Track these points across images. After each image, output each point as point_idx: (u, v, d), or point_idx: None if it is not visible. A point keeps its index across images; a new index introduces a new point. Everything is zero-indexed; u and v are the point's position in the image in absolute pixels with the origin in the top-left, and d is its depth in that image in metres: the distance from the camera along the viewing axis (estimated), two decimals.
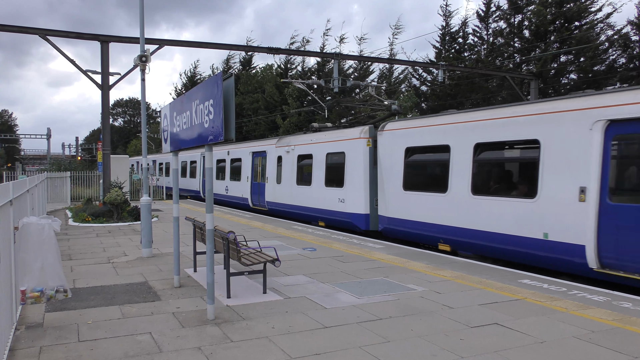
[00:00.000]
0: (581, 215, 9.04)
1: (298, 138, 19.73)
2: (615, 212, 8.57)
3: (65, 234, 14.82)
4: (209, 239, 6.58)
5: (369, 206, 15.34)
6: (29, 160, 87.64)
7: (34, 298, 6.02)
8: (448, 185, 12.22)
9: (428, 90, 38.48)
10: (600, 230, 8.74)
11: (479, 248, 11.44)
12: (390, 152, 14.43)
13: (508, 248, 10.58)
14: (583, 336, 5.85)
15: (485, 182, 11.51)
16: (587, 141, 9.05)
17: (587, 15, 29.53)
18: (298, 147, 19.26)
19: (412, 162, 13.74)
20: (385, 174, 14.52)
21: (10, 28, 18.14)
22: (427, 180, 13.29)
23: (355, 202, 15.67)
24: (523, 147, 10.70)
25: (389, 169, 14.40)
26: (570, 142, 9.38)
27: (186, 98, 7.41)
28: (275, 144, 21.02)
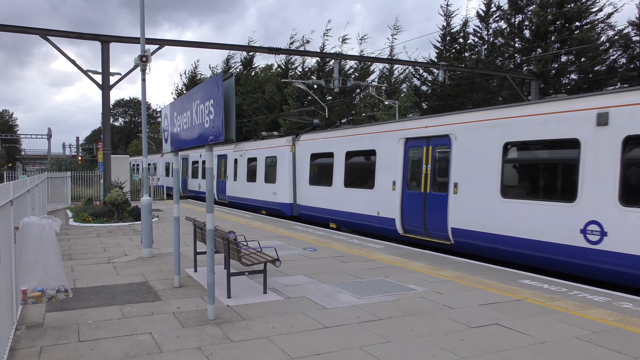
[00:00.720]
0: (391, 199, 14.35)
1: (249, 144, 23.95)
2: (408, 197, 13.74)
3: (66, 233, 14.83)
4: (209, 239, 6.58)
5: (293, 197, 20.03)
6: (30, 160, 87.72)
7: (35, 298, 6.02)
8: (333, 181, 17.28)
9: (429, 90, 38.50)
10: (404, 208, 13.92)
11: (349, 224, 16.59)
12: (302, 156, 19.55)
13: (362, 222, 15.67)
14: (583, 337, 5.85)
15: (352, 178, 16.48)
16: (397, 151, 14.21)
17: (588, 16, 29.54)
18: (248, 151, 23.72)
19: (314, 164, 18.81)
20: (299, 173, 19.72)
21: (10, 28, 18.15)
22: (322, 178, 18.16)
23: (283, 194, 20.31)
24: (367, 155, 15.76)
25: (301, 169, 19.55)
26: (389, 152, 14.55)
27: (186, 98, 7.41)
28: (233, 148, 25.29)
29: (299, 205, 19.52)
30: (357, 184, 15.98)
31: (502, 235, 10.77)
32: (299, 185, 19.49)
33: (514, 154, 10.96)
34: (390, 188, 14.13)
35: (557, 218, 9.66)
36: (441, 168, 12.69)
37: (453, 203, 12.05)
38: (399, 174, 13.92)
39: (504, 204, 10.75)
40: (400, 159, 13.92)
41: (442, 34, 37.93)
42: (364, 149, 15.76)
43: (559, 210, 9.64)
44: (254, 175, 22.95)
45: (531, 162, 10.71)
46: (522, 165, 10.89)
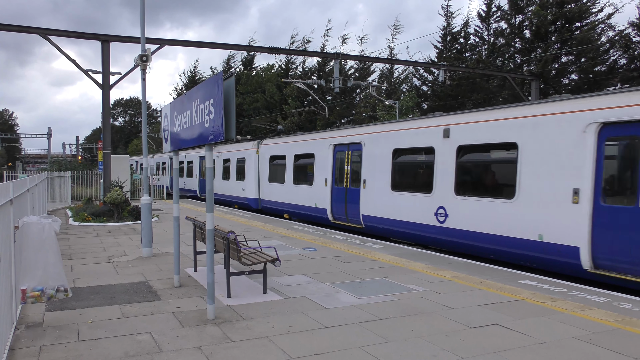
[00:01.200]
0: (324, 193, 17.47)
1: (224, 147, 26.78)
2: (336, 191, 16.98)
3: (66, 233, 14.82)
4: (209, 238, 6.58)
5: (257, 193, 23.25)
6: (30, 160, 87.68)
7: (35, 297, 6.02)
8: (285, 179, 20.48)
9: (429, 90, 38.49)
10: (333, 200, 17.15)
11: (297, 214, 19.59)
12: (264, 158, 22.67)
13: (305, 212, 18.82)
14: (583, 337, 5.85)
15: (298, 176, 19.66)
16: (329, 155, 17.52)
17: (588, 16, 29.52)
18: (223, 153, 27.12)
19: (272, 164, 21.94)
20: (261, 172, 22.89)
21: (11, 27, 18.14)
22: (278, 176, 21.19)
23: (250, 191, 23.56)
24: (309, 157, 18.92)
25: (263, 169, 22.67)
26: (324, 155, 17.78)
27: (187, 98, 7.41)
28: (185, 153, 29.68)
29: (262, 200, 23.00)
30: (302, 181, 19.38)
31: (393, 219, 14.19)
32: (262, 182, 23.00)
33: (398, 158, 14.34)
34: (324, 184, 17.60)
35: (422, 205, 13.04)
36: (356, 168, 15.95)
37: (363, 195, 15.43)
38: (329, 173, 17.38)
39: (394, 195, 14.20)
40: (330, 161, 17.38)
41: (443, 34, 37.92)
42: (306, 152, 19.21)
43: (423, 199, 13.06)
44: (228, 174, 26.58)
45: (408, 164, 14.14)
46: (403, 166, 14.25)
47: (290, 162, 20.30)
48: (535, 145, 10.23)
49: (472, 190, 11.83)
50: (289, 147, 20.72)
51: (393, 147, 14.25)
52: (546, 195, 9.94)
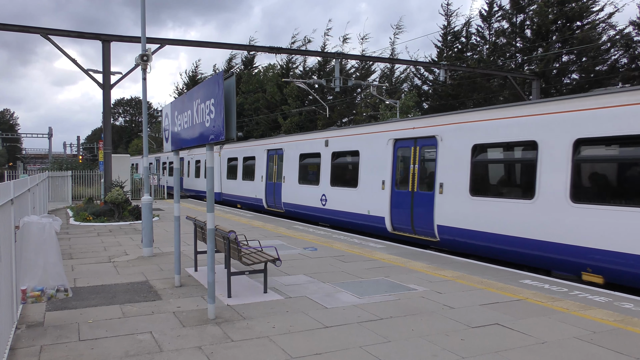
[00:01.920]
0: (261, 186, 22.59)
1: (197, 150, 31.48)
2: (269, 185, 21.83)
3: (67, 233, 14.83)
4: (209, 238, 6.58)
5: (220, 188, 27.83)
6: (31, 160, 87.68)
7: (35, 297, 6.01)
8: (237, 176, 25.77)
9: (430, 89, 38.47)
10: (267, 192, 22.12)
11: (246, 205, 24.62)
12: (224, 160, 27.71)
13: (250, 202, 23.93)
14: (584, 337, 5.84)
15: (247, 174, 24.45)
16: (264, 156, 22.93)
17: (589, 15, 29.50)
18: (195, 155, 32.43)
19: (230, 165, 26.95)
20: (222, 171, 27.83)
21: (12, 27, 18.15)
22: (233, 174, 26.32)
23: (216, 186, 27.44)
24: (253, 159, 24.03)
25: (224, 168, 27.55)
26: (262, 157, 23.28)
27: (187, 97, 7.40)
28: (187, 153, 33.78)
29: (223, 194, 27.73)
30: (250, 177, 24.14)
31: (297, 204, 19.39)
32: (222, 179, 27.77)
33: (304, 160, 19.18)
34: (260, 180, 22.77)
35: (314, 194, 18.11)
36: (280, 167, 20.92)
37: (285, 188, 20.48)
38: (264, 171, 22.48)
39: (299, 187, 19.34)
40: (264, 162, 22.53)
41: (443, 34, 37.91)
42: (251, 155, 24.18)
43: (313, 189, 18.24)
44: (199, 172, 31.89)
45: (340, 164, 17.15)
46: (339, 166, 17.23)
47: (241, 162, 25.41)
48: (368, 152, 15.32)
49: (342, 183, 16.78)
50: (241, 151, 25.63)
51: (331, 150, 17.50)
52: (372, 184, 15.02)
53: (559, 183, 9.49)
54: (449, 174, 12.17)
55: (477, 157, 11.50)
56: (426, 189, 12.99)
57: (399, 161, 14.24)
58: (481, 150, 11.49)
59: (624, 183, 8.76)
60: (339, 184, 16.70)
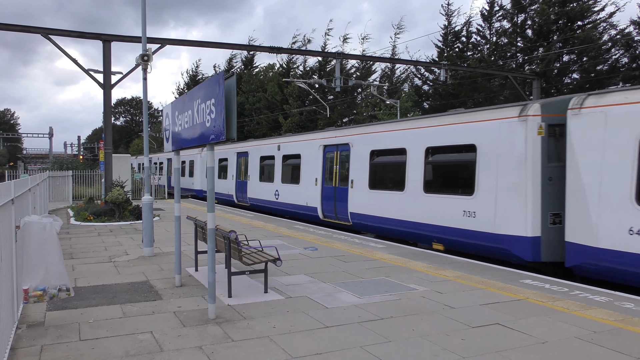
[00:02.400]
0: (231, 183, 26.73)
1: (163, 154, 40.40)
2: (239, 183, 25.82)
3: (67, 232, 14.84)
4: (210, 238, 6.58)
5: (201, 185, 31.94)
6: (31, 159, 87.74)
7: (37, 297, 6.02)
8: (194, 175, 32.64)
9: (430, 89, 38.45)
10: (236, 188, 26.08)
11: (223, 201, 27.34)
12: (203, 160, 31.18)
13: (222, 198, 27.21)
14: (585, 337, 5.84)
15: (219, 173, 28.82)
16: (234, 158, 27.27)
17: (590, 15, 29.47)
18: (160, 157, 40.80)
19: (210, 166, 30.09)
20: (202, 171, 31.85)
21: (13, 27, 18.15)
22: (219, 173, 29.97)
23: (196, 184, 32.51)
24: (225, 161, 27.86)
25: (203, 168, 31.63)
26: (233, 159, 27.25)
27: (188, 97, 7.41)
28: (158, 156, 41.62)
29: (202, 190, 31.49)
30: (224, 176, 27.70)
31: (259, 198, 22.64)
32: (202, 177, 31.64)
33: (264, 162, 22.64)
34: (232, 178, 26.31)
35: (270, 189, 21.61)
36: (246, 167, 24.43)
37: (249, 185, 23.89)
38: (234, 171, 26.08)
39: (260, 184, 22.58)
40: (235, 163, 26.04)
41: (444, 34, 37.87)
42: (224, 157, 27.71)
43: (269, 186, 21.72)
44: (183, 172, 35.27)
45: (288, 165, 20.54)
46: (287, 167, 20.57)
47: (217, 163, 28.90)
48: (308, 155, 18.75)
49: (289, 180, 20.28)
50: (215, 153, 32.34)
51: (259, 154, 22.86)
52: (309, 181, 18.44)
53: (418, 179, 13.08)
54: (357, 172, 15.78)
55: (373, 160, 15.19)
56: (344, 184, 16.60)
57: (327, 163, 17.84)
58: (376, 154, 15.12)
59: (449, 179, 12.40)
60: (287, 181, 20.40)
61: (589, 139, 9.13)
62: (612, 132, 8.76)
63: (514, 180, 10.44)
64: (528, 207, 10.18)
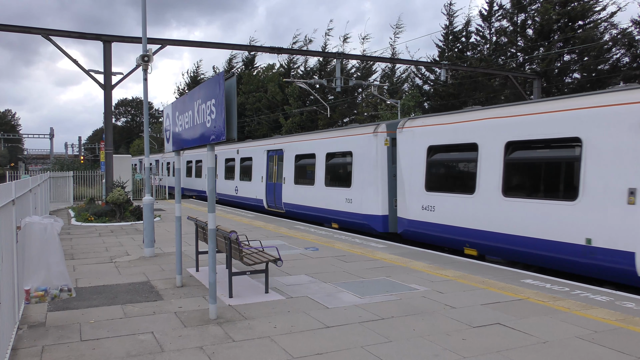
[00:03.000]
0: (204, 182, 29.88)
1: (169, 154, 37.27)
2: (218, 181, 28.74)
3: (68, 233, 14.85)
4: (210, 238, 6.58)
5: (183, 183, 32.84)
6: (32, 160, 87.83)
7: (39, 297, 6.02)
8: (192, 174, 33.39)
9: (431, 89, 38.44)
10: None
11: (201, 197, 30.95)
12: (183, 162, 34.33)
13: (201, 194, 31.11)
14: (586, 336, 5.84)
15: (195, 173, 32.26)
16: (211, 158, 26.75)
17: (591, 15, 29.45)
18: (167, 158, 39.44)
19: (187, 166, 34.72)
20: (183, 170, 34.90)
21: (13, 28, 18.17)
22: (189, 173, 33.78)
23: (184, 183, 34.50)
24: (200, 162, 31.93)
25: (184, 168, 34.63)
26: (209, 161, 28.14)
27: (188, 97, 7.41)
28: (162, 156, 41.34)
29: (184, 188, 33.58)
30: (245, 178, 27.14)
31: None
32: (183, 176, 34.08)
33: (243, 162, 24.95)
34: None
35: (232, 185, 25.16)
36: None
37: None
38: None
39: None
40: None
41: (445, 33, 37.87)
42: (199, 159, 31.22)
43: (232, 182, 25.58)
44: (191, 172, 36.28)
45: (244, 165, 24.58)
46: (243, 167, 24.29)
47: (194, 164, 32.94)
48: (257, 158, 22.61)
49: (245, 178, 24.17)
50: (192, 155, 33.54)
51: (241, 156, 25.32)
52: (258, 179, 22.59)
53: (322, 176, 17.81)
54: (287, 171, 20.22)
55: (297, 162, 19.56)
56: (279, 180, 20.85)
57: (270, 164, 21.98)
58: (299, 157, 19.50)
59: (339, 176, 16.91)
60: (244, 179, 24.31)
61: (405, 148, 13.72)
62: (415, 143, 13.29)
63: (371, 176, 14.94)
64: (379, 195, 14.80)
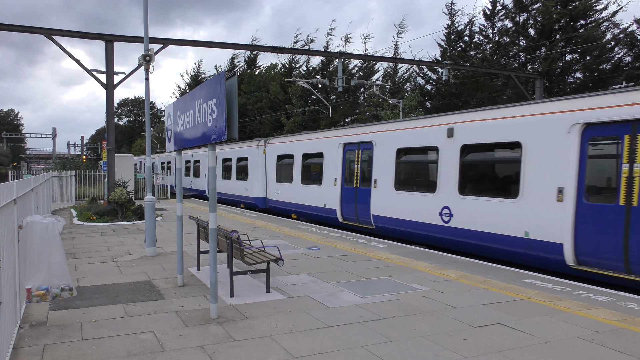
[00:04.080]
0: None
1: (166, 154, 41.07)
2: None
3: (70, 232, 14.87)
4: (211, 238, 6.59)
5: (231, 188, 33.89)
6: (35, 160, 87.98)
7: (40, 296, 6.04)
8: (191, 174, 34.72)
9: (433, 89, 38.41)
10: None
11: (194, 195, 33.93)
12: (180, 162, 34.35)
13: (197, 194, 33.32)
14: (587, 336, 5.83)
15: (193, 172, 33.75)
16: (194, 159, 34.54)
17: (593, 14, 29.40)
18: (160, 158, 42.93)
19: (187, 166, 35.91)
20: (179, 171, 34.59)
21: (15, 28, 18.21)
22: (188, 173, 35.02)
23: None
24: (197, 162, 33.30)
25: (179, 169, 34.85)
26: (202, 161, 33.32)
27: (190, 97, 7.42)
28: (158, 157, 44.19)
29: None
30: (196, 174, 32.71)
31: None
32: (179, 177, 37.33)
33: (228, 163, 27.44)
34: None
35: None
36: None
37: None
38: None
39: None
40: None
41: (447, 33, 37.84)
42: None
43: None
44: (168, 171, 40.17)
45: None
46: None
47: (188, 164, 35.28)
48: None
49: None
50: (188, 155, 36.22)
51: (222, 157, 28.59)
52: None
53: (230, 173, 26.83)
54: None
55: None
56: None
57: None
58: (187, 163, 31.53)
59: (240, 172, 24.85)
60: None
61: (269, 156, 22.44)
62: (272, 153, 22.20)
63: (257, 172, 23.15)
64: (261, 184, 23.00)
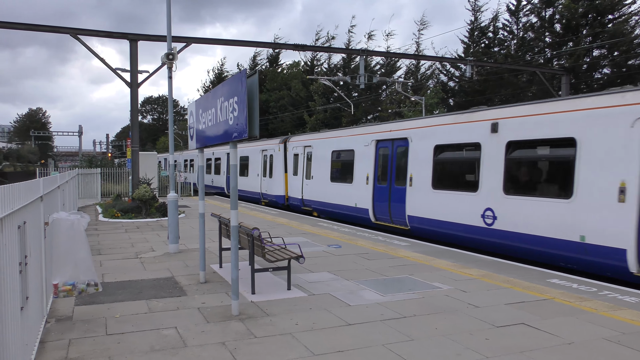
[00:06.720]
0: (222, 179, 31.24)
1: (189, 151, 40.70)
2: None
3: (95, 229, 15.14)
4: (233, 235, 6.63)
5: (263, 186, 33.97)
6: (62, 157, 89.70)
7: (66, 291, 6.16)
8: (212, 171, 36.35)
9: (456, 86, 38.02)
10: None
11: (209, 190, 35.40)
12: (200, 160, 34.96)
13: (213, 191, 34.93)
14: (613, 338, 5.71)
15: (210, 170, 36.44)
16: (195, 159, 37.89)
17: (621, 8, 28.73)
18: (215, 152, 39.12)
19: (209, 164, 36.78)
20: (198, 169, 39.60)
21: (43, 28, 18.58)
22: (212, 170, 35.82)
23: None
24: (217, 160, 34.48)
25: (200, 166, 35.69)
26: None
27: (211, 95, 7.47)
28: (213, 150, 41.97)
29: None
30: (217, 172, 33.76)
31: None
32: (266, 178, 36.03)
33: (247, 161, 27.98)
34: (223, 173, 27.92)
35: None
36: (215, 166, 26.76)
37: None
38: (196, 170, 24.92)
39: None
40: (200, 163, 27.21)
41: (470, 29, 37.40)
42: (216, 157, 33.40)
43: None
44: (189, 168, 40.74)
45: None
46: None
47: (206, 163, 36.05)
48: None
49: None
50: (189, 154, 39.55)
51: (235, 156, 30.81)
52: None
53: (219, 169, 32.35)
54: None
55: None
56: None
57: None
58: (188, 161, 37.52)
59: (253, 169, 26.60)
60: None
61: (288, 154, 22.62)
62: (293, 150, 22.25)
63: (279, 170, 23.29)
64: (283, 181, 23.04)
